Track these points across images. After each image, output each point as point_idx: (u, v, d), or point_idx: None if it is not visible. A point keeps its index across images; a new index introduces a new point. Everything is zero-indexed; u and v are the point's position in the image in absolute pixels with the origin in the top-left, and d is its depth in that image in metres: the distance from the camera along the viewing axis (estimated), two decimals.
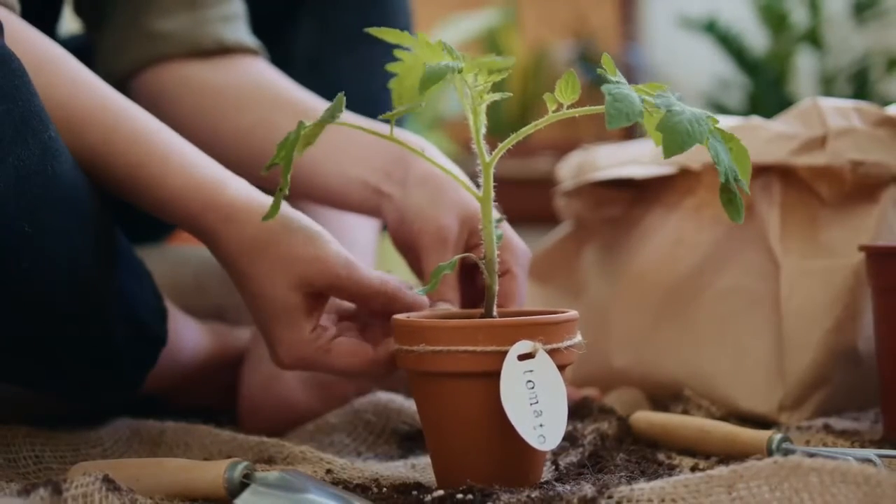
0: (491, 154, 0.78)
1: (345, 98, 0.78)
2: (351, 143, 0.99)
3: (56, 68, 0.85)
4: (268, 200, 0.82)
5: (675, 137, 0.70)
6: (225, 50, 1.08)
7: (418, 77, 0.81)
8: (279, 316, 0.82)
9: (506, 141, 0.77)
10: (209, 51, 1.07)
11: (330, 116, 0.77)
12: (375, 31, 0.79)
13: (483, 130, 0.78)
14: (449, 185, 0.94)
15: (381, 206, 0.98)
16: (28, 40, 0.85)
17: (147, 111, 0.89)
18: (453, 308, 0.88)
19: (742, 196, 0.74)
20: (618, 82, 0.72)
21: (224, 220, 0.83)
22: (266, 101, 1.05)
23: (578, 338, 0.78)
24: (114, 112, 0.86)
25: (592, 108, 0.75)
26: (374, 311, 0.84)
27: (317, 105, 1.03)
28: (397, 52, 0.82)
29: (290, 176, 0.79)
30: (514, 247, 0.91)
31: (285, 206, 0.82)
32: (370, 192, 0.99)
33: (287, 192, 0.79)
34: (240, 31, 1.10)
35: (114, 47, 1.09)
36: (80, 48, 0.90)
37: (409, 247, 0.95)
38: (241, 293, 0.85)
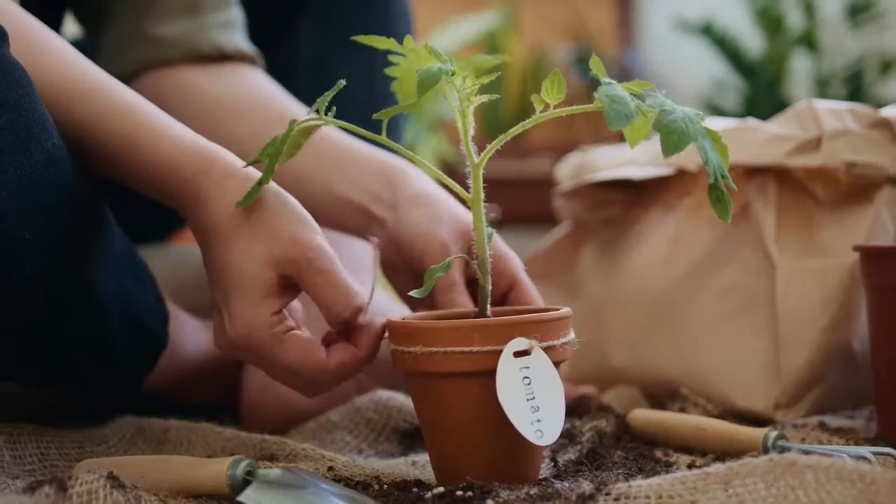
0: (480, 156, 0.78)
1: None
2: (340, 161, 0.99)
3: (47, 43, 0.84)
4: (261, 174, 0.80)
5: (672, 137, 0.70)
6: (224, 57, 1.08)
7: (413, 80, 0.82)
8: (245, 288, 0.78)
9: (494, 142, 0.77)
10: (208, 57, 1.07)
11: (318, 112, 0.77)
12: (363, 39, 0.78)
13: (472, 132, 0.78)
14: (442, 202, 0.95)
15: (368, 227, 0.97)
16: (19, 19, 0.84)
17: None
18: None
19: (731, 194, 0.75)
20: (610, 83, 0.73)
21: (218, 183, 0.80)
22: (260, 113, 1.04)
23: (572, 335, 0.79)
24: (104, 88, 0.85)
25: (578, 107, 0.75)
26: (330, 316, 0.79)
27: None
28: (393, 57, 0.82)
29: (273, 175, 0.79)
30: (510, 255, 0.93)
31: (280, 189, 0.81)
32: (355, 212, 0.98)
33: (267, 184, 0.78)
34: (238, 38, 1.09)
35: (113, 51, 1.08)
36: (82, 52, 0.91)
37: (407, 268, 0.95)
38: (212, 261, 0.80)
